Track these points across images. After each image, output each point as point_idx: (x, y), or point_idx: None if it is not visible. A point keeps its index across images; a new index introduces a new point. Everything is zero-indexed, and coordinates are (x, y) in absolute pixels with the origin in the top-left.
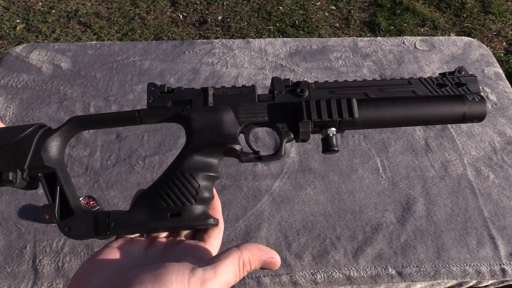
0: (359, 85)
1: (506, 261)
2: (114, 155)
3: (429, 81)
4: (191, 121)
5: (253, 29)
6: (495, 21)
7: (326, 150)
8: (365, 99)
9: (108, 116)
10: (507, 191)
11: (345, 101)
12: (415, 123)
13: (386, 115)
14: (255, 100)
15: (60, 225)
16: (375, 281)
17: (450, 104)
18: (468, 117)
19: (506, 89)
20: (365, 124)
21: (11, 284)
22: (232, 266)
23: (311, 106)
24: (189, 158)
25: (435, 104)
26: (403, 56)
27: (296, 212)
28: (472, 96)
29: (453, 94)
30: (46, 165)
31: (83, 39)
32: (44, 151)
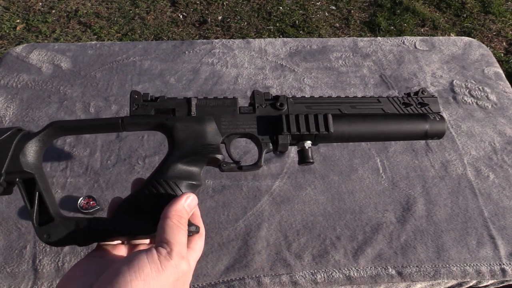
0: (333, 101)
1: (506, 261)
2: (114, 155)
3: (396, 100)
4: (174, 131)
5: (253, 29)
6: (495, 21)
7: (302, 161)
8: (339, 115)
9: (90, 122)
10: (507, 191)
11: (321, 116)
12: (383, 138)
13: (358, 131)
14: (237, 112)
15: (39, 232)
16: (375, 281)
17: (414, 122)
18: (429, 134)
19: (506, 89)
20: (338, 138)
21: (11, 284)
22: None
23: (290, 120)
24: (173, 166)
25: (401, 122)
26: (403, 56)
27: (296, 212)
28: (433, 116)
29: (417, 113)
30: (24, 170)
31: (83, 39)
32: (23, 155)
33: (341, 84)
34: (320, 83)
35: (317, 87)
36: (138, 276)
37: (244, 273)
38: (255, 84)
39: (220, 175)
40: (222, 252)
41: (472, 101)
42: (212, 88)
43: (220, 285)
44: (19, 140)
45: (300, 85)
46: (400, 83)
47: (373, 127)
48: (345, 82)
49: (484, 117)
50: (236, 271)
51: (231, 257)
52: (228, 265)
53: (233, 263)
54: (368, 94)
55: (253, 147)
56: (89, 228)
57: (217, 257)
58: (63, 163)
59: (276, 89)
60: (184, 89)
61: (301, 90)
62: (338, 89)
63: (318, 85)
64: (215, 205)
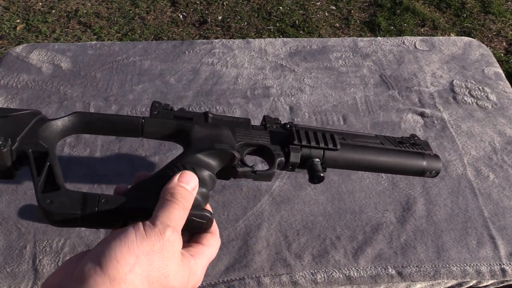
0: (336, 131)
1: (506, 261)
2: (114, 155)
3: (391, 139)
4: (191, 133)
5: (253, 29)
6: (495, 21)
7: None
8: (344, 143)
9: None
10: (507, 191)
11: (328, 134)
12: (384, 170)
13: (364, 159)
14: (250, 128)
15: (42, 198)
16: (375, 281)
17: (414, 158)
18: (426, 170)
19: (506, 89)
20: (344, 161)
21: (11, 284)
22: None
23: (300, 133)
24: (192, 155)
25: (402, 156)
26: (403, 56)
27: (296, 212)
28: (429, 152)
29: (415, 151)
30: (39, 142)
31: (83, 39)
32: (41, 131)
33: (341, 84)
34: (320, 83)
35: (317, 87)
36: (123, 243)
37: (244, 273)
38: (255, 84)
39: None
40: (222, 252)
41: (472, 101)
42: (212, 88)
43: (220, 285)
44: (40, 118)
45: (300, 85)
46: (400, 83)
47: (377, 157)
48: (345, 82)
49: (484, 117)
50: (236, 271)
51: (231, 257)
52: (228, 265)
53: (233, 263)
54: (368, 94)
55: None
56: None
57: (217, 257)
58: (63, 163)
59: (276, 89)
60: (184, 89)
61: (301, 90)
62: (338, 89)
63: (318, 85)
64: (215, 205)
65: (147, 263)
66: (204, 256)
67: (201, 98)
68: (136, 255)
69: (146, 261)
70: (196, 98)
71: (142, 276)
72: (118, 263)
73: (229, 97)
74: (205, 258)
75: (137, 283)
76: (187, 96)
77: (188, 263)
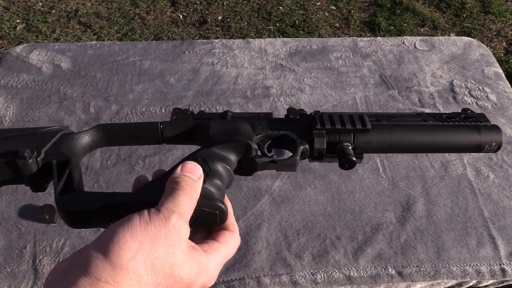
0: (369, 113)
1: (506, 261)
2: (114, 155)
3: (437, 115)
4: (208, 129)
5: (253, 29)
6: (495, 21)
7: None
8: (378, 123)
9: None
10: (507, 191)
11: (357, 116)
12: (429, 150)
13: (401, 139)
14: (271, 120)
15: (57, 198)
16: (375, 281)
17: (466, 133)
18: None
19: (506, 89)
20: (380, 144)
21: (11, 284)
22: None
23: (324, 117)
24: (205, 149)
25: (451, 132)
26: (403, 56)
27: (296, 212)
28: (485, 124)
29: (467, 124)
30: (63, 153)
31: (83, 39)
32: (65, 143)
33: (341, 84)
34: (320, 83)
35: (317, 87)
36: (126, 229)
37: (244, 273)
38: (255, 84)
39: None
40: None
41: (472, 101)
42: (212, 88)
43: (220, 285)
44: (65, 133)
45: (300, 85)
46: (400, 83)
47: (420, 136)
48: (345, 82)
49: None
50: (236, 271)
51: (231, 257)
52: (228, 265)
53: (233, 263)
54: (368, 94)
55: None
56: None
57: None
58: None
59: (276, 89)
60: (184, 89)
61: (301, 90)
62: (338, 89)
63: (318, 85)
64: None
65: (151, 250)
66: (219, 253)
67: (201, 98)
68: (140, 241)
69: (150, 248)
70: (196, 98)
71: (145, 264)
72: (121, 249)
73: (229, 97)
74: (219, 255)
75: (140, 271)
76: (187, 96)
77: (198, 256)
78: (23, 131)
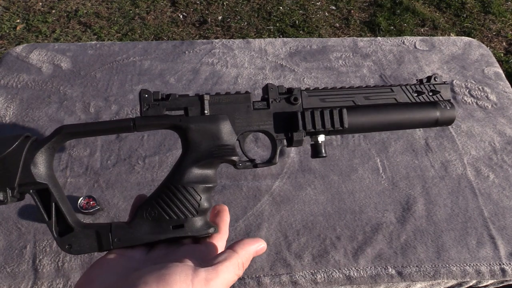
0: (347, 92)
1: (506, 261)
2: (114, 155)
3: (409, 89)
4: (188, 132)
5: (253, 29)
6: (495, 21)
7: (315, 155)
8: (353, 107)
9: (100, 126)
10: (507, 191)
11: (337, 112)
12: (395, 128)
13: (371, 122)
14: (251, 108)
15: (60, 243)
16: (375, 281)
17: (426, 111)
18: (440, 122)
19: (506, 89)
20: (352, 130)
21: (11, 284)
22: (232, 267)
23: (306, 117)
24: (189, 170)
25: (413, 111)
26: (403, 56)
27: (296, 212)
28: (444, 104)
29: (428, 102)
30: (37, 181)
31: (83, 39)
32: (34, 166)
33: (341, 84)
34: (320, 83)
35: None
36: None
37: (244, 273)
38: (255, 84)
39: (220, 175)
40: None
41: (472, 101)
42: (212, 88)
43: None
44: (29, 149)
45: (300, 85)
46: (400, 83)
47: (386, 118)
48: (345, 82)
49: (484, 117)
50: None
51: None
52: None
53: None
54: None
55: (253, 147)
56: (112, 236)
57: None
58: (63, 163)
59: None
60: (184, 89)
61: None
62: None
63: (318, 85)
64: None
65: None
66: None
67: None
68: None
69: None
70: None
71: None
72: None
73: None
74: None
75: None
76: None
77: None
78: None
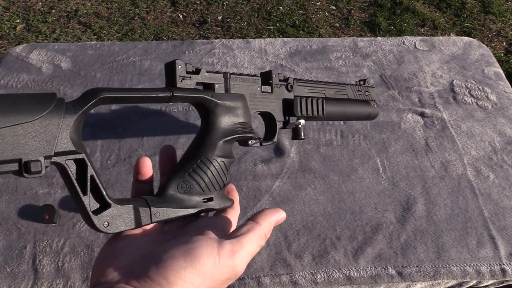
0: (321, 86)
1: (506, 261)
2: (114, 155)
3: (354, 88)
4: (217, 107)
5: (253, 29)
6: (495, 21)
7: (296, 138)
8: (325, 99)
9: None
10: (507, 191)
11: (320, 102)
12: (345, 118)
13: (334, 112)
14: (259, 91)
15: (96, 221)
16: (375, 281)
17: (365, 107)
18: (371, 116)
19: (506, 89)
20: (323, 118)
21: (11, 284)
22: (255, 238)
23: (301, 104)
24: (218, 145)
25: (357, 106)
26: (403, 56)
27: (296, 212)
28: (373, 103)
29: (365, 100)
30: (75, 150)
31: (83, 39)
32: (72, 132)
33: None
34: None
35: None
36: (194, 265)
37: (244, 273)
38: None
39: None
40: None
41: (472, 101)
42: None
43: None
44: (66, 113)
45: None
46: (400, 83)
47: (343, 110)
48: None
49: (484, 117)
50: None
51: None
52: None
53: None
54: None
55: (250, 149)
56: (151, 211)
57: None
58: None
59: None
60: None
61: None
62: None
63: None
64: None
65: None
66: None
67: None
68: (204, 279)
69: (212, 282)
70: None
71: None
72: (185, 283)
73: None
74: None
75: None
76: None
77: None
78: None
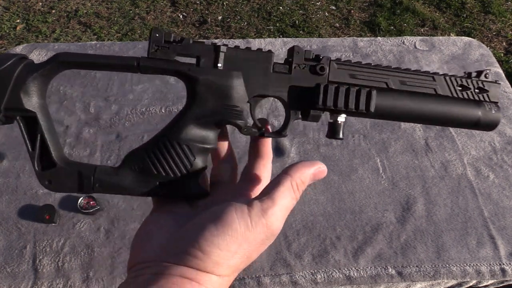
0: (382, 72)
1: (506, 261)
2: (114, 155)
3: (453, 81)
4: (196, 84)
5: (253, 29)
6: (495, 21)
7: (332, 136)
8: (385, 89)
9: (101, 59)
10: (507, 191)
11: (365, 93)
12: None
13: (401, 110)
14: (270, 70)
15: (40, 177)
16: (375, 281)
17: (467, 109)
18: (481, 125)
19: (506, 89)
20: (377, 115)
21: (11, 284)
22: (288, 191)
23: (328, 92)
24: (188, 127)
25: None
26: (403, 56)
27: (296, 212)
28: (489, 106)
29: (472, 99)
30: (25, 108)
31: (83, 39)
32: (25, 92)
33: None
34: None
35: None
36: (226, 231)
37: (244, 273)
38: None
39: None
40: None
41: None
42: None
43: None
44: (21, 71)
45: None
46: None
47: (419, 108)
48: None
49: None
50: None
51: None
52: None
53: None
54: None
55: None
56: (94, 177)
57: None
58: None
59: None
60: (184, 89)
61: None
62: None
63: None
64: None
65: (248, 246)
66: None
67: None
68: (239, 243)
69: (248, 245)
70: None
71: (242, 257)
72: (221, 251)
73: None
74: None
75: (238, 263)
76: None
77: None
78: None
